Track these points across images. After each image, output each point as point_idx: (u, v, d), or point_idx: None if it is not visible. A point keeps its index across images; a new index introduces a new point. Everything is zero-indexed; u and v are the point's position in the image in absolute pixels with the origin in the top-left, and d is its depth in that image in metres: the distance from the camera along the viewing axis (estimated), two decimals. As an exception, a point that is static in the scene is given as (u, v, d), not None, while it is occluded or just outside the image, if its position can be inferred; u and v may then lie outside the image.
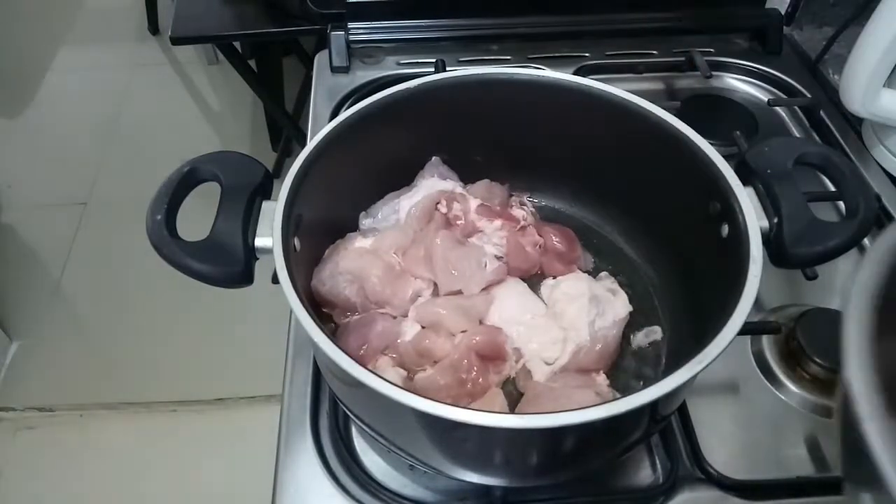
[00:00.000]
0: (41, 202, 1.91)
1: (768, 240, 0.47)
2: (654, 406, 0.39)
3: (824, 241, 0.46)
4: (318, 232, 0.53)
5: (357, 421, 0.49)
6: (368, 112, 0.54)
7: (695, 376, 0.39)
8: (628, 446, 0.47)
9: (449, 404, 0.37)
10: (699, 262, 0.51)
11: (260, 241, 0.46)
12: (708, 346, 0.39)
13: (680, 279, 0.57)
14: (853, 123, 0.81)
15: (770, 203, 0.47)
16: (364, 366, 0.38)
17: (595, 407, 0.36)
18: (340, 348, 0.39)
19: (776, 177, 0.48)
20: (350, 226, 0.59)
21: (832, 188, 0.51)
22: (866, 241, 0.67)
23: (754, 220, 0.45)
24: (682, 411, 0.54)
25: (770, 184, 0.48)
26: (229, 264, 0.45)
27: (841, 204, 0.67)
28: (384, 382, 0.37)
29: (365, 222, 0.59)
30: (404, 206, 0.58)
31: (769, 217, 0.47)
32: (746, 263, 0.43)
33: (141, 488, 1.34)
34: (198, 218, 0.50)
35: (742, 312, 0.40)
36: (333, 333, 0.54)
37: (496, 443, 0.42)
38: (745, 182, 0.48)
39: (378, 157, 0.57)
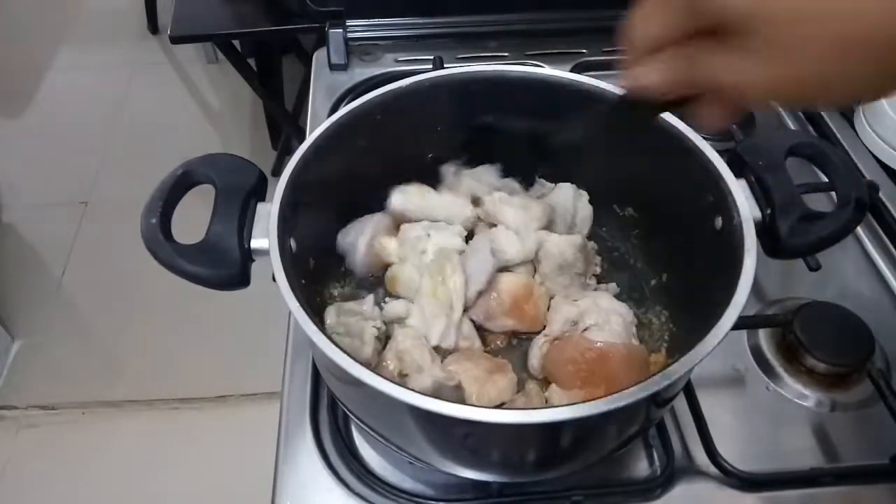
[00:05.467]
0: (42, 201, 1.91)
1: (762, 231, 0.47)
2: (651, 398, 0.39)
3: (817, 230, 0.46)
4: (315, 231, 0.53)
5: (356, 420, 0.50)
6: (362, 111, 0.54)
7: (690, 370, 0.40)
8: (627, 439, 0.47)
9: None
10: (694, 254, 0.52)
11: (256, 243, 0.46)
12: (704, 338, 0.39)
13: (675, 270, 0.57)
14: (846, 114, 0.81)
15: (763, 194, 0.47)
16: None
17: (591, 402, 0.37)
18: (339, 347, 0.39)
19: (768, 168, 0.48)
20: (351, 221, 0.58)
21: (825, 179, 0.51)
22: (860, 229, 0.67)
23: (748, 211, 0.46)
24: (694, 407, 0.54)
25: (762, 176, 0.48)
26: (225, 267, 0.45)
27: (834, 194, 0.68)
28: (380, 379, 0.38)
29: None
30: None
31: (762, 208, 0.47)
32: (741, 254, 0.43)
33: (143, 485, 1.35)
34: (196, 221, 0.50)
35: (738, 304, 0.40)
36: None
37: (489, 438, 0.42)
38: (737, 174, 0.48)
39: (372, 155, 0.57)
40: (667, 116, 0.52)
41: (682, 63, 0.30)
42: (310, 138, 0.51)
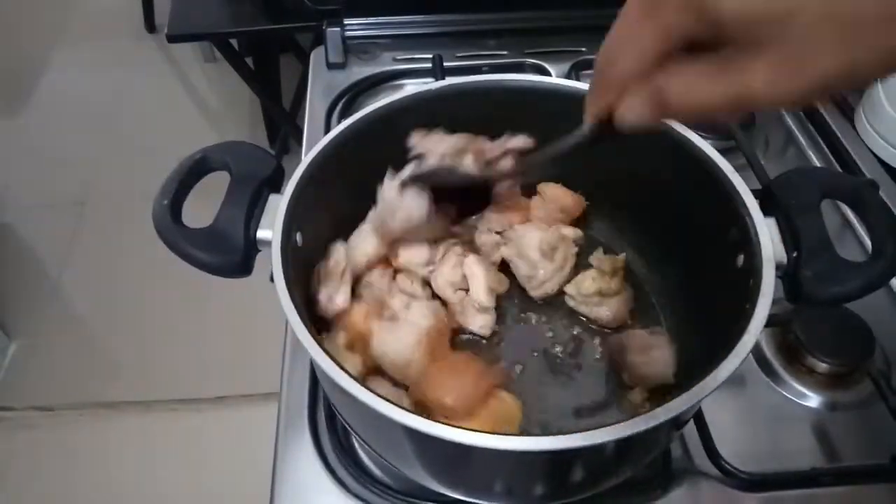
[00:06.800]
0: (39, 202, 1.91)
1: (785, 275, 0.45)
2: (626, 441, 0.37)
3: (844, 281, 0.43)
4: (325, 229, 0.53)
5: (351, 429, 0.49)
6: (390, 110, 0.53)
7: (688, 409, 0.38)
8: (627, 468, 0.47)
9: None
10: (712, 288, 0.50)
11: (262, 233, 0.46)
12: (708, 376, 0.38)
13: (689, 298, 0.56)
14: (846, 111, 0.81)
15: (791, 237, 0.45)
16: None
17: (602, 429, 0.36)
18: (329, 356, 0.39)
19: (800, 209, 0.45)
20: (359, 224, 0.58)
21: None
22: (893, 282, 0.65)
23: (771, 253, 0.43)
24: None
25: (793, 217, 0.45)
26: (228, 253, 0.45)
27: (864, 238, 0.67)
28: (374, 396, 0.37)
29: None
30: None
31: (788, 252, 0.45)
32: (756, 297, 0.41)
33: (141, 486, 1.35)
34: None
35: (746, 345, 0.39)
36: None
37: (490, 464, 0.41)
38: (767, 212, 0.46)
39: (393, 158, 0.55)
40: (699, 144, 0.50)
41: (690, 86, 0.28)
42: (334, 131, 0.51)
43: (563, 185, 0.61)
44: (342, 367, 0.38)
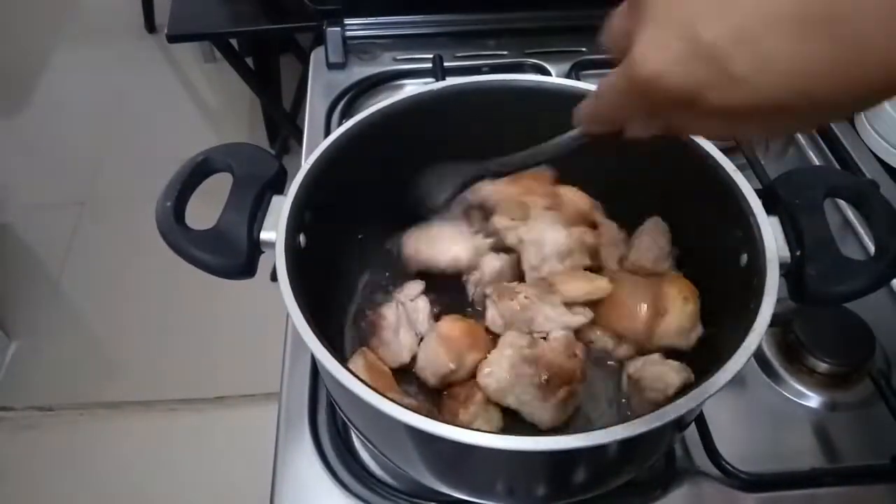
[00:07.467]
0: (39, 202, 1.91)
1: (788, 273, 0.45)
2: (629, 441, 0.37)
3: (848, 280, 0.43)
4: (329, 230, 0.52)
5: (354, 427, 0.49)
6: (392, 111, 0.53)
7: (693, 408, 0.39)
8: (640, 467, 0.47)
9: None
10: (716, 287, 0.50)
11: (265, 235, 0.46)
12: (712, 376, 0.39)
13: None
14: (847, 113, 0.81)
15: (794, 235, 0.45)
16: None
17: (605, 429, 0.36)
18: (331, 354, 0.39)
19: (804, 208, 0.45)
20: (362, 226, 0.58)
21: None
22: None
23: (774, 252, 0.43)
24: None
25: (797, 215, 0.45)
26: (232, 255, 0.45)
27: (865, 238, 0.68)
28: (378, 396, 0.37)
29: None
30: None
31: (791, 250, 0.45)
32: (760, 297, 0.41)
33: (141, 487, 1.35)
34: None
35: (751, 344, 0.39)
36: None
37: (493, 463, 0.41)
38: (770, 211, 0.46)
39: (397, 157, 0.56)
40: (701, 143, 0.50)
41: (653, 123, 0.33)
42: (337, 132, 0.51)
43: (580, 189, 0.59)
44: (347, 368, 0.38)
